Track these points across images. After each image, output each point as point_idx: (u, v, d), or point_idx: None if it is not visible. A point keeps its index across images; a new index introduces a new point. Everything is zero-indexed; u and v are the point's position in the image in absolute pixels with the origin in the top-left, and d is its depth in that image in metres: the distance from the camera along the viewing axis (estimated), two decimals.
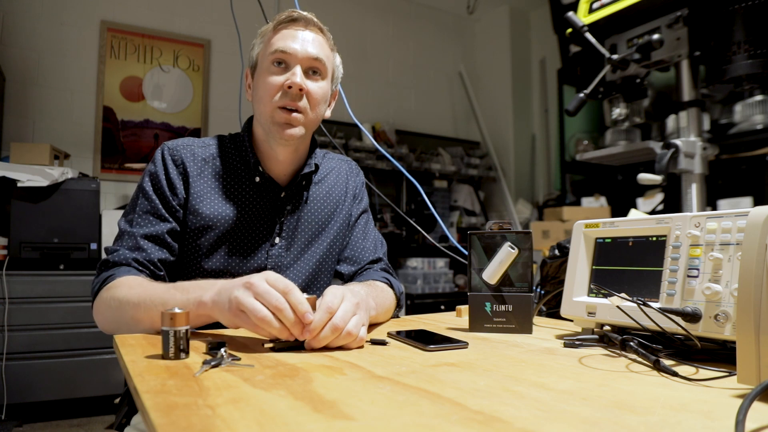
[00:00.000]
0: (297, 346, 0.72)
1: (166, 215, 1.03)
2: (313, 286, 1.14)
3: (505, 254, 0.89)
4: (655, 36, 1.40)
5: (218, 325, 0.93)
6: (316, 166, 1.13)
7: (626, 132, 1.78)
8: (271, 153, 1.08)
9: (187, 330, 0.65)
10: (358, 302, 0.76)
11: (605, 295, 0.76)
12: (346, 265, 1.19)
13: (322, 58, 1.03)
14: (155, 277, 0.99)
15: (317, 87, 1.04)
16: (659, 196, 3.21)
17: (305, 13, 1.04)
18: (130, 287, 0.88)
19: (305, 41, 1.02)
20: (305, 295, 0.70)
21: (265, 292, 0.69)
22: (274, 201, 1.09)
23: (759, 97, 2.58)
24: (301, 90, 1.00)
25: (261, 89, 1.03)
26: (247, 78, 1.12)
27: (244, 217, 1.07)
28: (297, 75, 1.00)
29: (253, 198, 1.08)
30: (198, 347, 0.70)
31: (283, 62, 1.01)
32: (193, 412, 0.44)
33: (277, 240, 1.09)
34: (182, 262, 1.07)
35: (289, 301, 0.69)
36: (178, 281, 0.88)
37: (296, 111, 1.01)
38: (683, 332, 0.65)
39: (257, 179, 1.08)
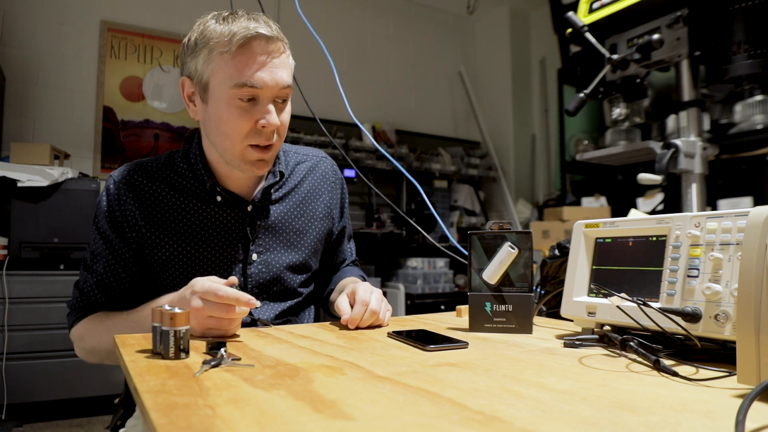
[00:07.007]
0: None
1: (117, 258, 0.98)
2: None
3: (505, 254, 0.89)
4: (655, 36, 1.40)
5: None
6: (281, 174, 1.06)
7: (626, 132, 1.78)
8: (230, 173, 1.01)
9: (187, 330, 0.65)
10: (381, 295, 0.96)
11: (605, 295, 0.76)
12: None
13: (289, 80, 0.94)
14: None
15: (287, 113, 0.97)
16: (659, 196, 3.21)
17: (263, 30, 0.89)
18: (92, 333, 0.96)
19: (274, 68, 0.91)
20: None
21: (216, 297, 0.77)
22: (242, 217, 1.02)
23: (759, 97, 2.58)
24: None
25: (227, 125, 0.92)
26: (185, 88, 0.97)
27: (211, 239, 1.00)
28: (272, 113, 0.92)
29: (218, 218, 1.01)
30: (198, 347, 0.70)
31: (252, 97, 0.91)
32: (193, 412, 0.44)
33: (254, 257, 1.02)
34: (156, 294, 0.95)
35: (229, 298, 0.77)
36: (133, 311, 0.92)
37: (269, 146, 0.95)
38: (683, 332, 0.65)
39: (219, 198, 1.01)
